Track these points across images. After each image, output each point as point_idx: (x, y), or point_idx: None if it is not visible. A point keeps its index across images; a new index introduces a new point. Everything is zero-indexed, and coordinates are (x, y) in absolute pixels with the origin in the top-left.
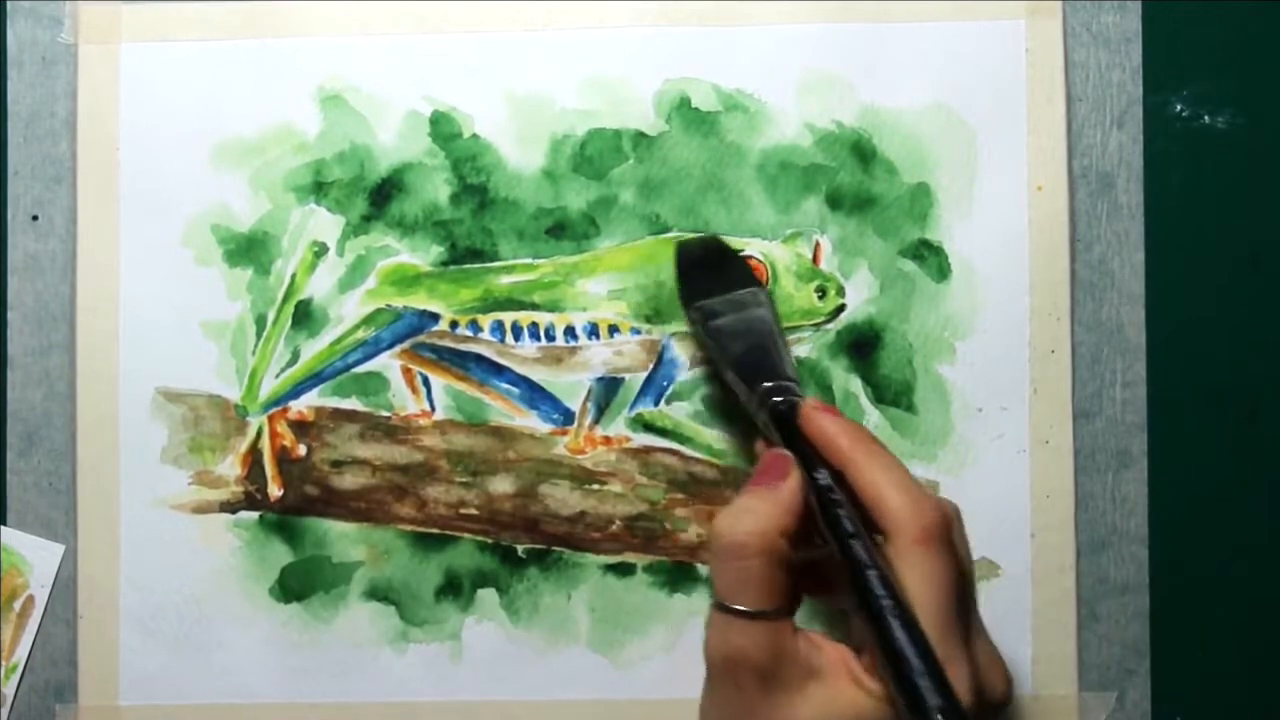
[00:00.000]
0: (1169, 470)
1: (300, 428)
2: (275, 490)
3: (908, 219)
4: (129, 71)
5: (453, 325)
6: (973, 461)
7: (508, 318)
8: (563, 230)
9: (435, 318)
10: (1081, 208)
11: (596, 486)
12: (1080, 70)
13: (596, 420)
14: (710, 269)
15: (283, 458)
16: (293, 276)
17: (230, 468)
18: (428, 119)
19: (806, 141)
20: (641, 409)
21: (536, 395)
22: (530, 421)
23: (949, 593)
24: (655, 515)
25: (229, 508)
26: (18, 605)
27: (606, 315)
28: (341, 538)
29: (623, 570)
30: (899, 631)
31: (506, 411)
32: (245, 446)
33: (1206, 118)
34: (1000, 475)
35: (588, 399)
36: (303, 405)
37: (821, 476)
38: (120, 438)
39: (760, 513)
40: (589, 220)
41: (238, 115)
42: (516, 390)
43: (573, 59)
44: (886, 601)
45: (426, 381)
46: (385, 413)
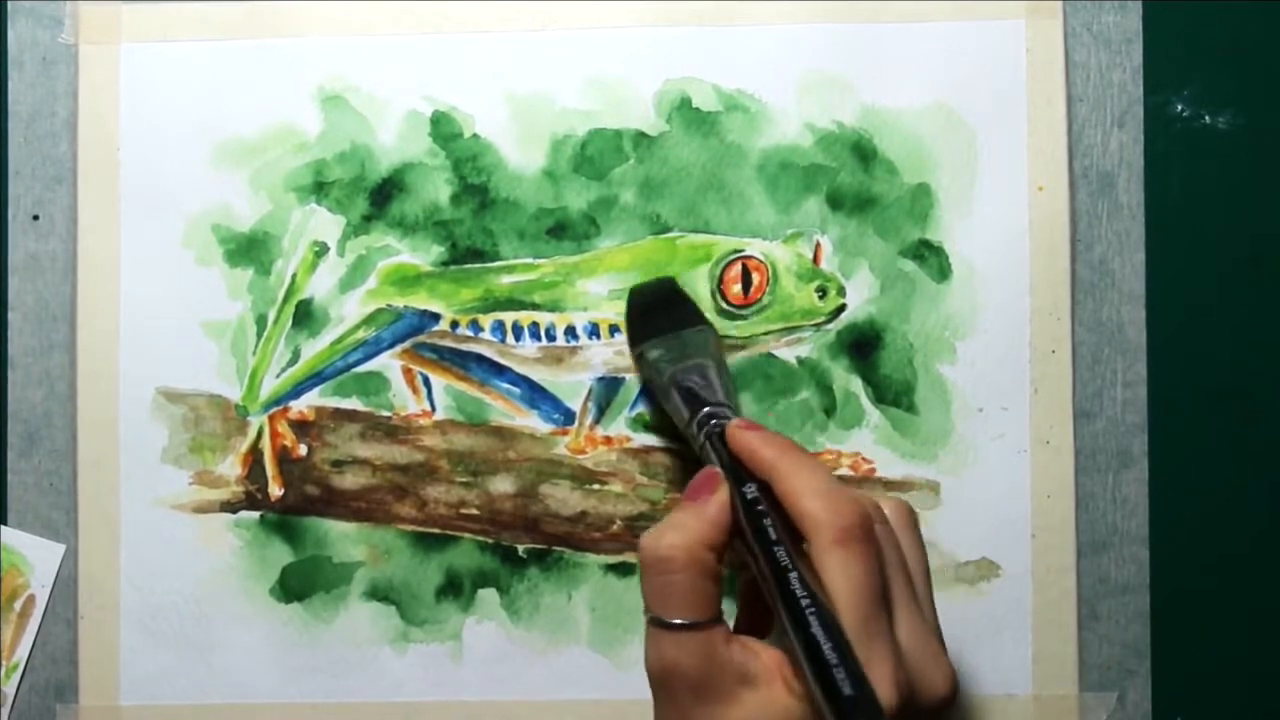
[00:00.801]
0: (1169, 470)
1: (301, 427)
2: (276, 490)
3: (908, 219)
4: (129, 71)
5: (453, 325)
6: (973, 461)
7: (508, 318)
8: (563, 230)
9: (436, 318)
10: (1082, 208)
11: (597, 486)
12: (1080, 70)
13: (597, 420)
14: (659, 310)
15: (283, 457)
16: (293, 276)
17: (231, 468)
18: (428, 119)
19: (807, 141)
20: (642, 409)
21: (537, 395)
22: (531, 421)
23: (868, 591)
24: (656, 515)
25: (229, 508)
26: (18, 605)
27: (607, 315)
28: (342, 538)
29: (623, 570)
30: (815, 628)
31: (507, 411)
32: (246, 446)
33: (1206, 118)
34: (1000, 475)
35: (588, 399)
36: (303, 405)
37: (749, 490)
38: (120, 438)
39: (685, 527)
40: (589, 220)
41: (238, 115)
42: (517, 390)
43: (573, 59)
44: (805, 600)
45: (427, 381)
46: (386, 413)
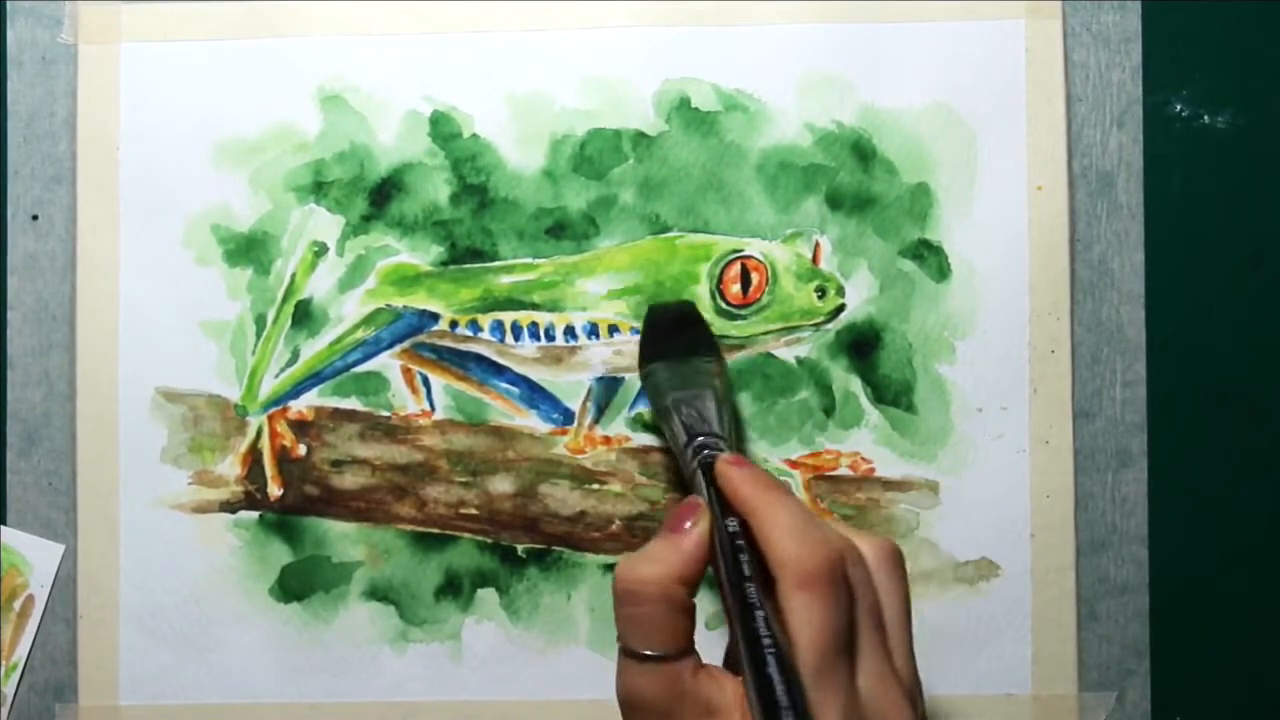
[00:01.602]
0: (1169, 470)
1: (300, 427)
2: (275, 490)
3: (908, 219)
4: (129, 71)
5: (452, 325)
6: (973, 461)
7: (507, 317)
8: (563, 230)
9: (435, 317)
10: (1081, 207)
11: (596, 486)
12: (1080, 70)
13: (596, 420)
14: (673, 332)
15: (283, 457)
16: (293, 276)
17: (230, 467)
18: (428, 119)
19: (806, 141)
20: (641, 409)
21: (536, 395)
22: (530, 421)
23: (828, 635)
24: (655, 515)
25: (229, 507)
26: (18, 605)
27: (606, 315)
28: (341, 537)
29: None
30: (771, 668)
31: (506, 411)
32: (245, 446)
33: (1206, 118)
34: (1000, 475)
35: (587, 399)
36: (302, 405)
37: (730, 524)
38: (120, 438)
39: (660, 559)
40: (589, 220)
41: (238, 115)
42: (516, 390)
43: (573, 59)
44: (765, 640)
45: (426, 381)
46: (385, 412)
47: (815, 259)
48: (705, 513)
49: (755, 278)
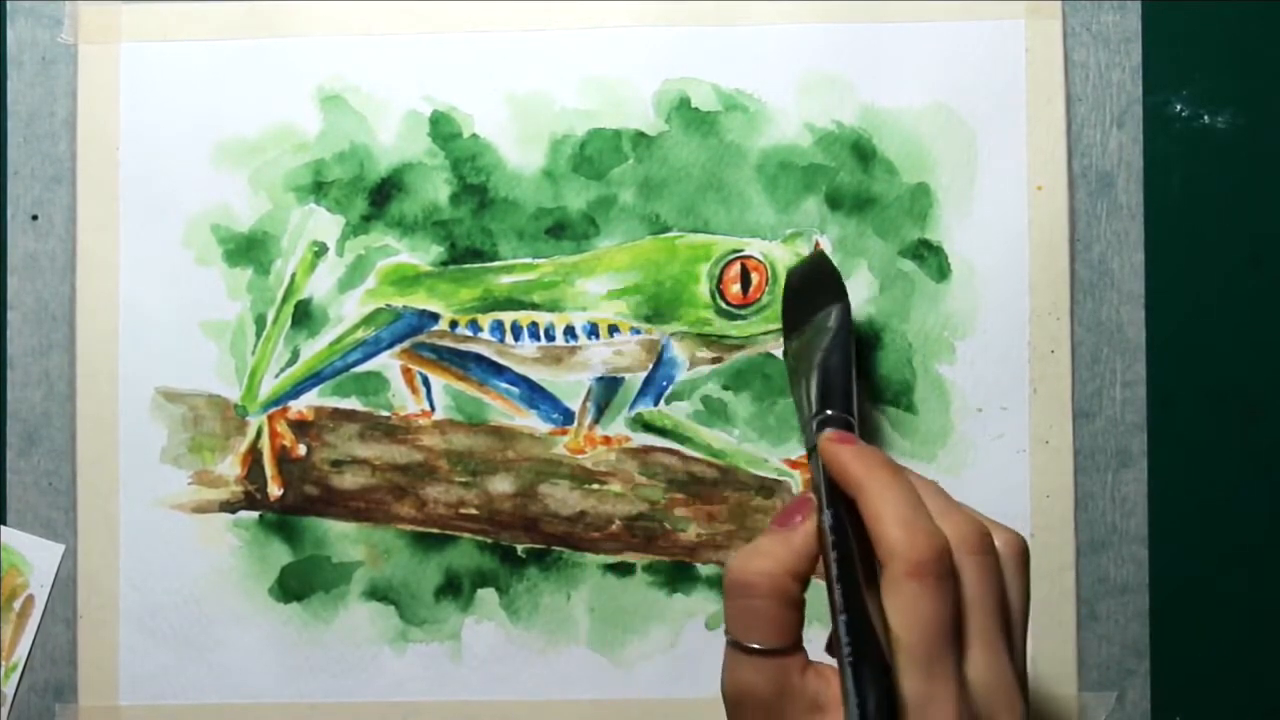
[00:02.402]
0: (1169, 470)
1: (300, 427)
2: (275, 490)
3: (907, 219)
4: (129, 71)
5: (452, 325)
6: (973, 461)
7: (507, 317)
8: (562, 230)
9: (435, 317)
10: (1081, 207)
11: (596, 486)
12: (1080, 70)
13: (596, 420)
14: (804, 294)
15: (282, 457)
16: (293, 276)
17: (230, 467)
18: (428, 119)
19: (806, 141)
20: (641, 409)
21: (536, 395)
22: (530, 421)
23: (935, 627)
24: (655, 515)
25: (229, 507)
26: (18, 605)
27: (606, 315)
28: (341, 537)
29: (622, 570)
30: (860, 676)
31: (506, 411)
32: (245, 446)
33: (1206, 118)
34: (1000, 475)
35: (587, 399)
36: (302, 405)
37: (827, 517)
38: (120, 438)
39: (772, 554)
40: (589, 220)
41: (238, 115)
42: (516, 390)
43: (573, 59)
44: (847, 649)
45: (426, 381)
46: (385, 412)
47: None
48: (814, 510)
49: (755, 278)
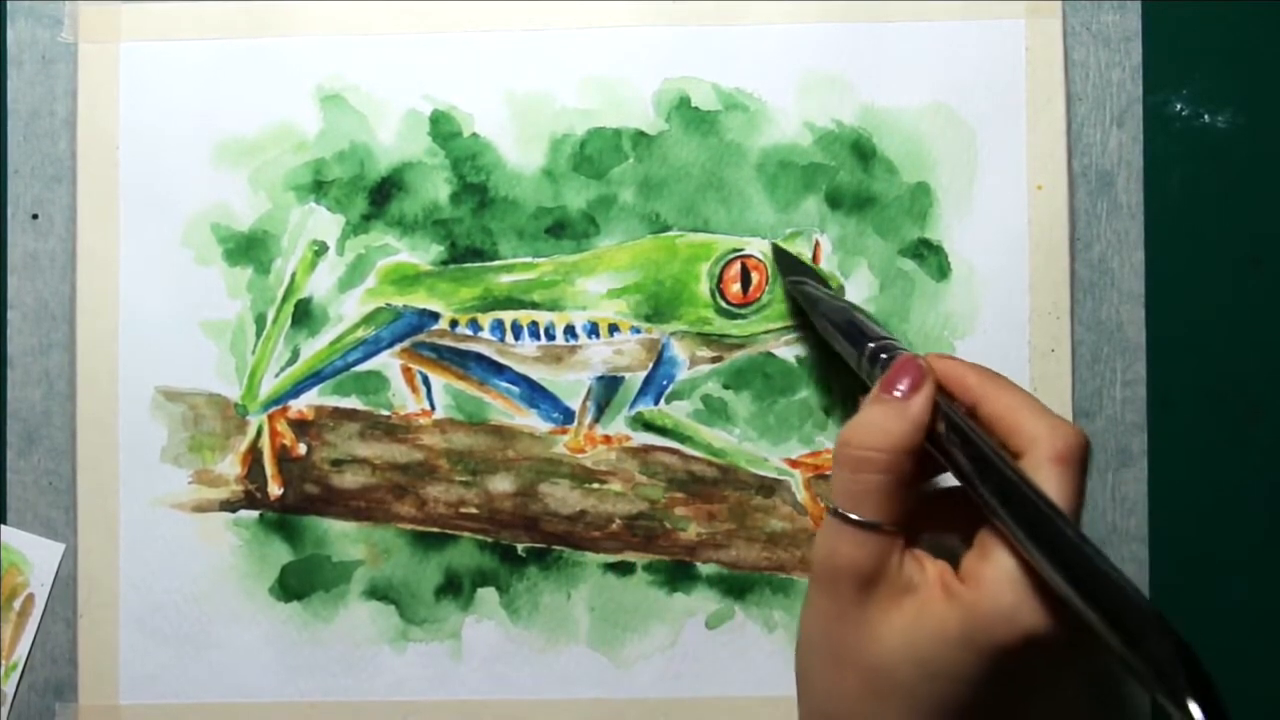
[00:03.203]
0: (1169, 470)
1: (300, 426)
2: (275, 489)
3: (907, 218)
4: (129, 71)
5: (452, 324)
6: None
7: (507, 317)
8: (562, 229)
9: (435, 317)
10: (1081, 207)
11: (596, 485)
12: (1080, 69)
13: (596, 419)
14: (799, 266)
15: (283, 457)
16: (293, 275)
17: (230, 466)
18: (428, 118)
19: (806, 141)
20: (641, 408)
21: (536, 394)
22: (530, 420)
23: (1077, 508)
24: (655, 514)
25: (229, 506)
26: (18, 604)
27: (606, 314)
28: (341, 537)
29: (622, 569)
30: (1068, 530)
31: (506, 410)
32: (245, 445)
33: (1206, 117)
34: None
35: (587, 398)
36: (302, 404)
37: (949, 409)
38: (120, 437)
39: (889, 429)
40: (589, 219)
41: (238, 115)
42: (516, 389)
43: (573, 59)
44: (1045, 507)
45: (426, 380)
46: (385, 412)
47: (815, 258)
48: (928, 376)
49: (755, 277)
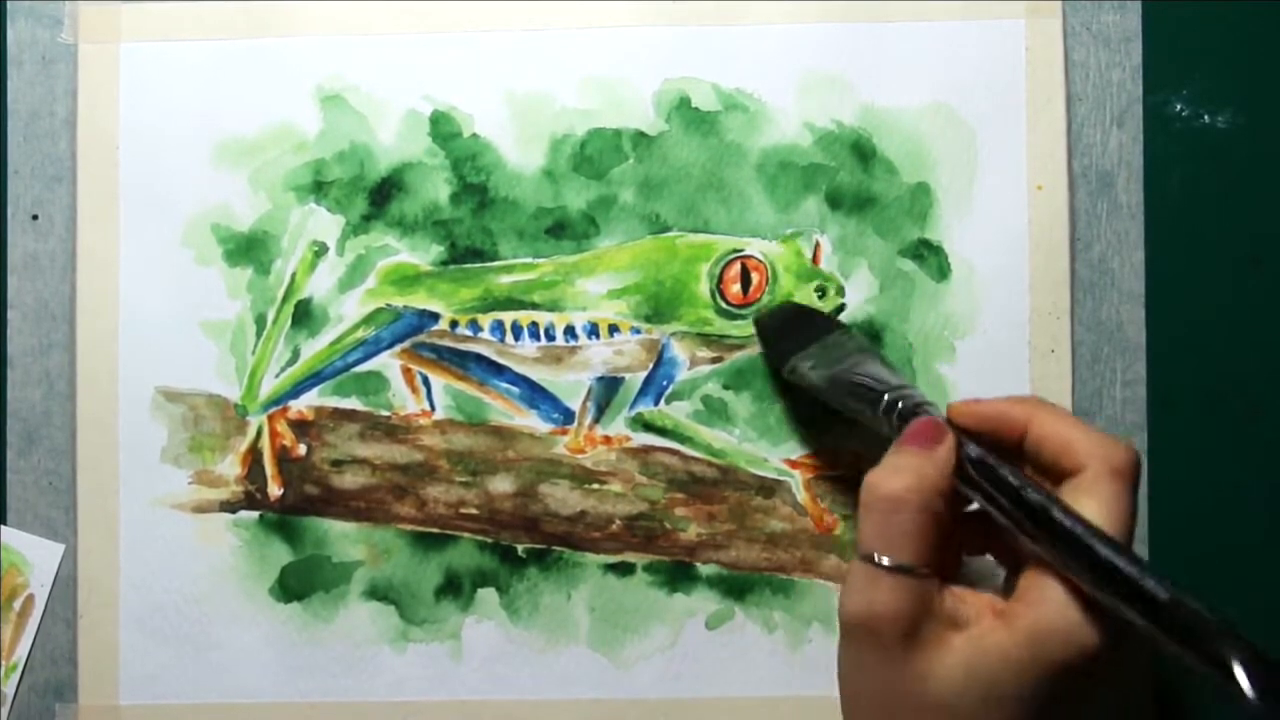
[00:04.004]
0: (1169, 470)
1: (300, 427)
2: (275, 490)
3: (907, 218)
4: (129, 71)
5: (453, 325)
6: None
7: (508, 317)
8: (563, 230)
9: (435, 317)
10: (1081, 207)
11: (596, 486)
12: (1080, 70)
13: (596, 420)
14: (789, 330)
15: (283, 457)
16: (293, 276)
17: (230, 467)
18: (428, 118)
19: (806, 141)
20: (641, 408)
21: (536, 395)
22: (530, 421)
23: (1129, 525)
24: (655, 515)
25: (229, 507)
26: (18, 604)
27: (606, 315)
28: (341, 537)
29: (622, 570)
30: (1103, 548)
31: (506, 411)
32: (245, 446)
33: (1206, 118)
34: None
35: (587, 398)
36: (303, 405)
37: (972, 450)
38: (120, 437)
39: (918, 471)
40: (589, 220)
41: (238, 115)
42: (516, 390)
43: (573, 59)
44: (1080, 528)
45: (426, 381)
46: (385, 412)
47: (815, 259)
48: (948, 430)
49: (755, 277)
